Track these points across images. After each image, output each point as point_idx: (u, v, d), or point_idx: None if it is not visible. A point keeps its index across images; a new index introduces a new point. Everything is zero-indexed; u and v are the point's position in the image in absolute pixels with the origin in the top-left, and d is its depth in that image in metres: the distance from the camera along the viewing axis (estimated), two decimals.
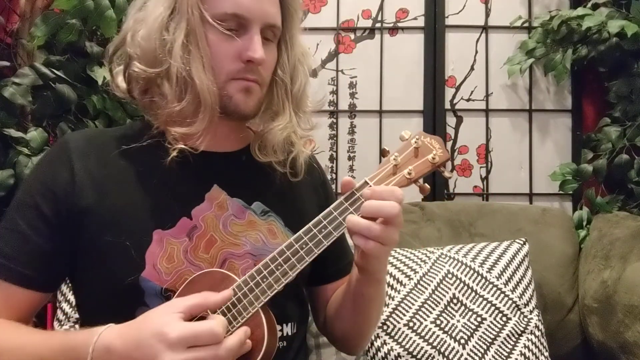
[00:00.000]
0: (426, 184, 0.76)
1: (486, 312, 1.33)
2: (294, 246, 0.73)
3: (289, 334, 0.86)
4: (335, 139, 1.96)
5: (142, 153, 0.81)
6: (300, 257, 0.72)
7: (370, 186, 0.73)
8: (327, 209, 0.74)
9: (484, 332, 1.31)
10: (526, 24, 1.91)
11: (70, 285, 1.28)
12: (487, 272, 1.38)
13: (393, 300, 1.34)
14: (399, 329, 1.31)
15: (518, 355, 1.30)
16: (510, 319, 1.33)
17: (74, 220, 0.77)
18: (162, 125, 0.80)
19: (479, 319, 1.32)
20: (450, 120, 1.95)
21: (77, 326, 1.29)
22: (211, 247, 0.80)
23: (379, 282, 0.82)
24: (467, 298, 1.34)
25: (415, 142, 0.76)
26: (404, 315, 1.32)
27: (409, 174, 0.74)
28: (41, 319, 1.43)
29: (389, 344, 1.30)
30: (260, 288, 0.72)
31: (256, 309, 0.72)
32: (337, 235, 0.73)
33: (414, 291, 1.35)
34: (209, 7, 0.77)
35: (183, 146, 0.78)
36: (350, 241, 0.77)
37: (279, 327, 0.84)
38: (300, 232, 0.73)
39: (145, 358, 0.64)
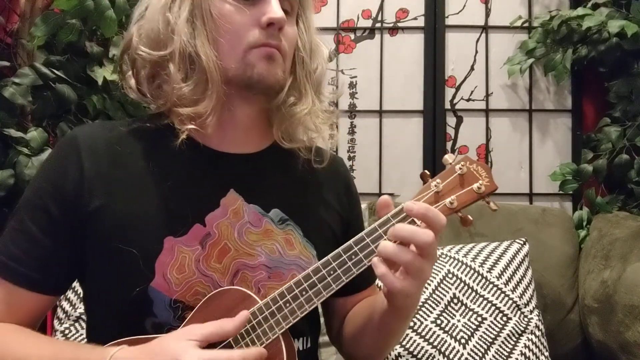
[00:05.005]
0: (469, 216, 0.71)
1: (486, 312, 1.33)
2: (321, 272, 0.68)
3: (301, 349, 0.81)
4: (335, 139, 1.96)
5: (155, 152, 0.77)
6: (327, 284, 0.67)
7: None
8: (360, 235, 0.69)
9: (484, 332, 1.31)
10: (526, 24, 1.91)
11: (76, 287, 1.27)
12: (487, 272, 1.38)
13: None
14: None
15: (518, 355, 1.30)
16: (510, 318, 1.33)
17: (83, 223, 0.74)
18: (170, 109, 0.76)
19: (479, 319, 1.32)
20: (450, 120, 1.95)
21: (76, 325, 1.29)
22: (224, 256, 0.75)
23: (407, 317, 0.78)
24: (467, 298, 1.34)
25: (460, 168, 0.70)
26: None
27: (451, 203, 0.69)
28: None
29: None
30: (282, 313, 0.67)
31: (276, 335, 0.68)
32: (367, 264, 0.67)
33: None
34: None
35: (192, 126, 0.73)
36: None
37: None
38: (329, 256, 0.69)
39: None
